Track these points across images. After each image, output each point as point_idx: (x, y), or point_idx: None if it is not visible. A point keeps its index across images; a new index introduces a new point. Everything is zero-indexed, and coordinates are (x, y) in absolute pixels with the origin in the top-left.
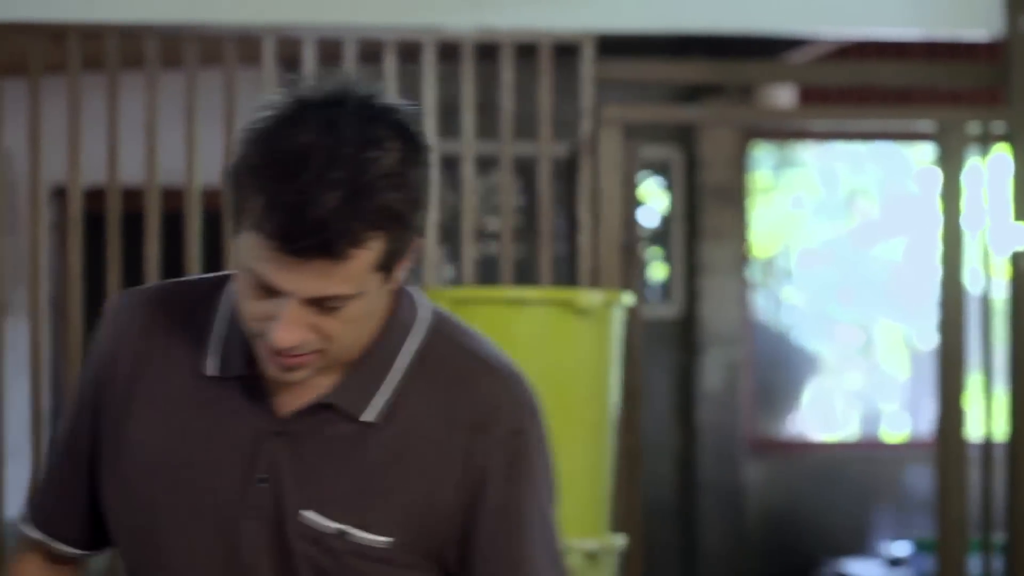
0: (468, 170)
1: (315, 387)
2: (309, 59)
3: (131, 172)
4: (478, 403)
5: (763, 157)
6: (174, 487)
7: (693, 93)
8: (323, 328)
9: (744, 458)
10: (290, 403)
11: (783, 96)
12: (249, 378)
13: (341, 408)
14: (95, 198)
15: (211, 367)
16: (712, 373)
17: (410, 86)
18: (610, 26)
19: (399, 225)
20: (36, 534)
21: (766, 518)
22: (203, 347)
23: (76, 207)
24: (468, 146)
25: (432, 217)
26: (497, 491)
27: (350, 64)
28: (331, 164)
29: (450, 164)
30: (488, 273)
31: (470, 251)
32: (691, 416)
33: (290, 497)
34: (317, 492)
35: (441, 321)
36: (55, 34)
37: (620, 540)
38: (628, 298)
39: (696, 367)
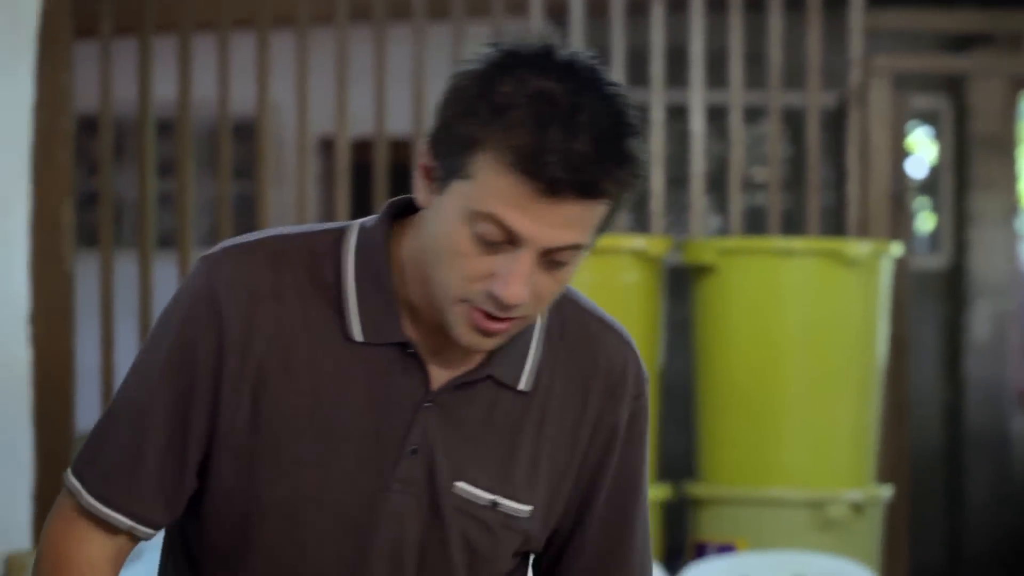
0: (736, 120)
1: (464, 358)
2: (576, 10)
3: (397, 123)
4: (610, 367)
5: None
6: (322, 458)
7: (962, 42)
8: (539, 288)
9: (1012, 409)
10: (442, 373)
11: None
12: (399, 345)
13: (499, 379)
14: (362, 149)
15: (357, 332)
16: (980, 324)
17: (677, 36)
18: None
19: (636, 174)
20: (123, 520)
21: None
22: (342, 310)
23: (344, 158)
24: (736, 96)
25: (699, 167)
26: (620, 452)
27: (617, 16)
28: (576, 108)
29: (717, 114)
30: (755, 223)
31: (737, 201)
32: (958, 367)
33: (442, 468)
34: (469, 463)
35: None
36: None
37: (886, 491)
38: (897, 248)
39: (964, 318)
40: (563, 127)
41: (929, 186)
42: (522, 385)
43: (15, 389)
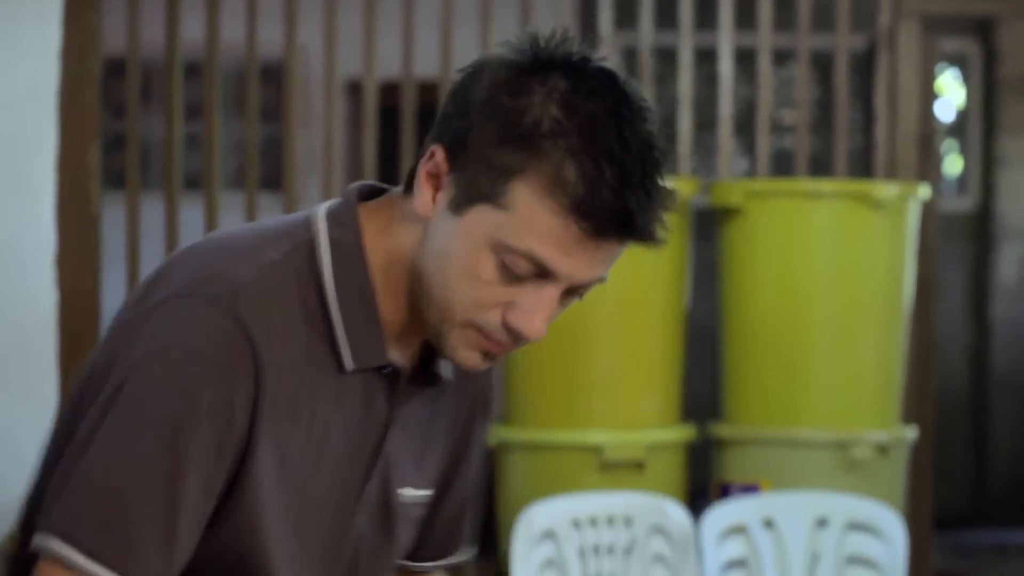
0: (764, 62)
1: (411, 361)
2: None
3: (426, 65)
4: None
5: None
6: (305, 494)
7: None
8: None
9: None
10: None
11: None
12: (378, 368)
13: (437, 375)
14: (390, 91)
15: (348, 362)
16: (1007, 267)
17: None
18: None
19: (670, 211)
20: None
21: None
22: (333, 340)
23: (371, 101)
24: (765, 39)
25: (727, 109)
26: (482, 422)
27: None
28: (624, 140)
29: (746, 57)
30: (783, 166)
31: (765, 144)
32: (985, 310)
33: (394, 480)
34: (406, 466)
35: None
36: None
37: (911, 432)
38: (924, 191)
39: (991, 261)
40: (617, 166)
41: (957, 129)
42: (446, 372)
43: (41, 331)
